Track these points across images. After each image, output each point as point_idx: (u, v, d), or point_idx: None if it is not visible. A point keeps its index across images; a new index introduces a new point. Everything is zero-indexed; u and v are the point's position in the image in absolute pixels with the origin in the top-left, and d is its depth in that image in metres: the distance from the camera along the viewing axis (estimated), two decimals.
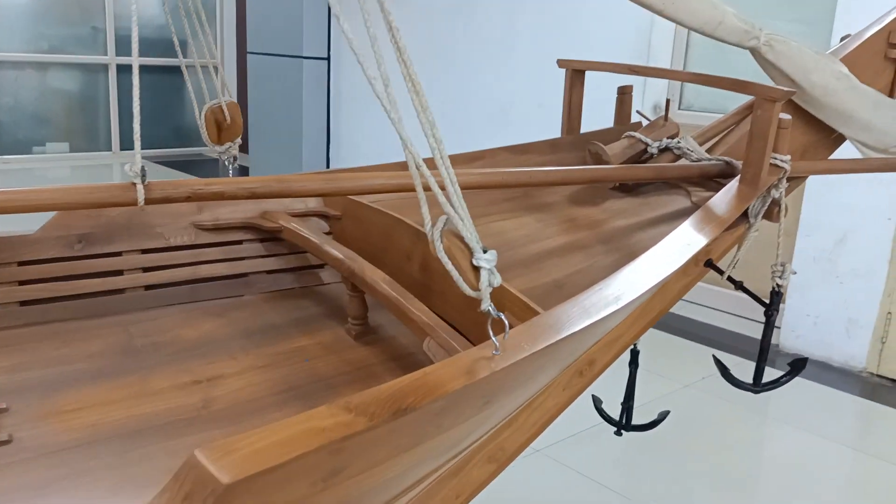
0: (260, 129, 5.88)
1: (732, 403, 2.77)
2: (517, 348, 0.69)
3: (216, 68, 1.22)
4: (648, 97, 3.76)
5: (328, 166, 5.45)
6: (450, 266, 0.63)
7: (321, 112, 5.43)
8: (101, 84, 6.84)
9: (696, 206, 1.18)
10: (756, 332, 3.59)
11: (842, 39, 1.38)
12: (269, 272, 1.23)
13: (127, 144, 6.88)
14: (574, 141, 1.37)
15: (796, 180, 1.31)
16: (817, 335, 3.27)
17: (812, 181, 3.22)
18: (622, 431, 1.50)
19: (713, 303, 3.81)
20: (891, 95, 1.39)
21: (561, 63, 1.38)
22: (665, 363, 3.25)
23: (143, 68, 7.12)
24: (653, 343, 3.53)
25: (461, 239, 0.63)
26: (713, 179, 1.21)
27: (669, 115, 1.30)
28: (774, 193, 1.10)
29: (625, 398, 1.49)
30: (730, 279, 1.21)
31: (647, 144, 1.27)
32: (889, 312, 3.06)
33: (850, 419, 2.89)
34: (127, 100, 6.81)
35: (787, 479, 2.37)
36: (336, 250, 1.08)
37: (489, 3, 4.41)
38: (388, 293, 0.98)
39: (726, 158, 1.17)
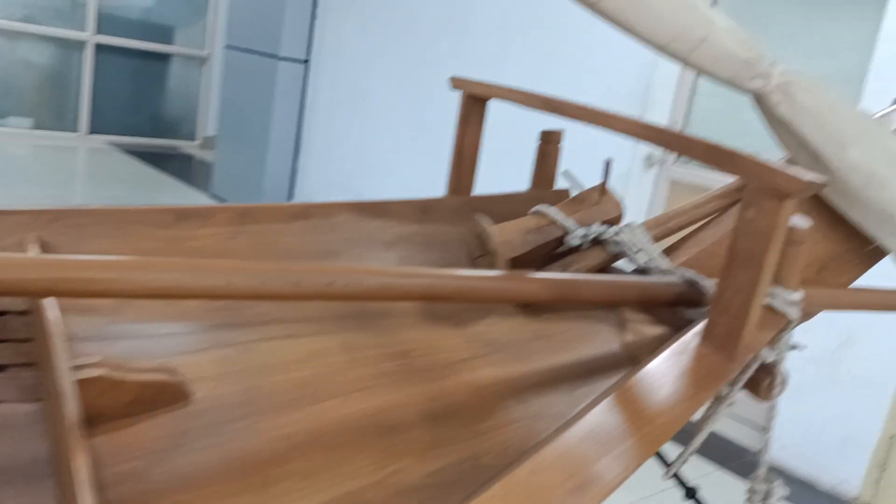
0: (229, 128, 5.50)
1: None
2: None
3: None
4: (641, 145, 3.27)
5: (294, 178, 5.07)
6: None
7: (292, 119, 5.05)
8: (74, 61, 6.45)
9: (627, 354, 0.67)
10: (748, 438, 3.06)
11: (895, 101, 0.90)
12: None
13: (96, 128, 6.51)
14: (459, 206, 0.87)
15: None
16: (806, 448, 2.76)
17: None
18: None
19: None
20: None
21: (456, 83, 0.90)
22: None
23: (124, 51, 6.74)
24: None
25: None
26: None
27: (609, 186, 0.80)
28: (767, 356, 0.62)
29: None
30: (676, 479, 0.71)
31: (565, 231, 0.76)
32: (893, 436, 2.55)
33: None
34: (102, 81, 6.43)
35: None
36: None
37: (483, 17, 3.95)
38: None
39: (691, 275, 0.67)
